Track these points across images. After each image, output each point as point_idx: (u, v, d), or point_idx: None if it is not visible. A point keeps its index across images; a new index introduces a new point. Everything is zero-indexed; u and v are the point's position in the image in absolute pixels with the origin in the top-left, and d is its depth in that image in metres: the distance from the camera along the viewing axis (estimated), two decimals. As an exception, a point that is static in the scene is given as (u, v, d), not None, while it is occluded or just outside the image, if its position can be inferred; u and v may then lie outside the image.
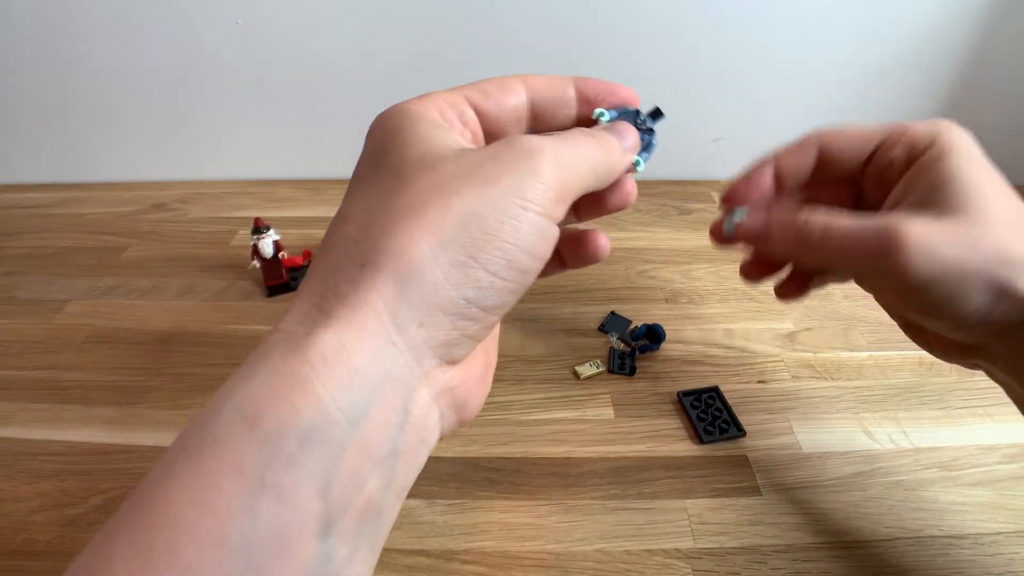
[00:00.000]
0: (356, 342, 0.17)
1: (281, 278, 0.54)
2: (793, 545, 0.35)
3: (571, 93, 0.25)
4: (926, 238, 0.24)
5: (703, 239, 0.62)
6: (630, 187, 0.26)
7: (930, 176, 0.26)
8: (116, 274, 0.58)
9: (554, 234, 0.21)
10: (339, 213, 0.21)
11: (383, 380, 0.17)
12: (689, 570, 0.33)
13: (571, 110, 0.25)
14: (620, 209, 0.26)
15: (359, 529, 0.17)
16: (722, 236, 0.30)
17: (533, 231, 0.19)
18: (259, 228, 0.53)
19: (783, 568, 0.34)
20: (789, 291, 0.32)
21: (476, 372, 0.22)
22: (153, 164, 0.73)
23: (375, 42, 0.64)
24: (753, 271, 0.32)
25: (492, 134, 0.24)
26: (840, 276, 0.32)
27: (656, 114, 0.26)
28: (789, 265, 0.32)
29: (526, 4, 0.62)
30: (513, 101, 0.24)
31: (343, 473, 0.16)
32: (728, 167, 0.73)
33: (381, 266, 0.18)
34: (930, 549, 0.34)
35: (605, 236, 0.26)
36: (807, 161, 0.30)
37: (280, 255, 0.54)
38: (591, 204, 0.26)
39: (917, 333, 0.30)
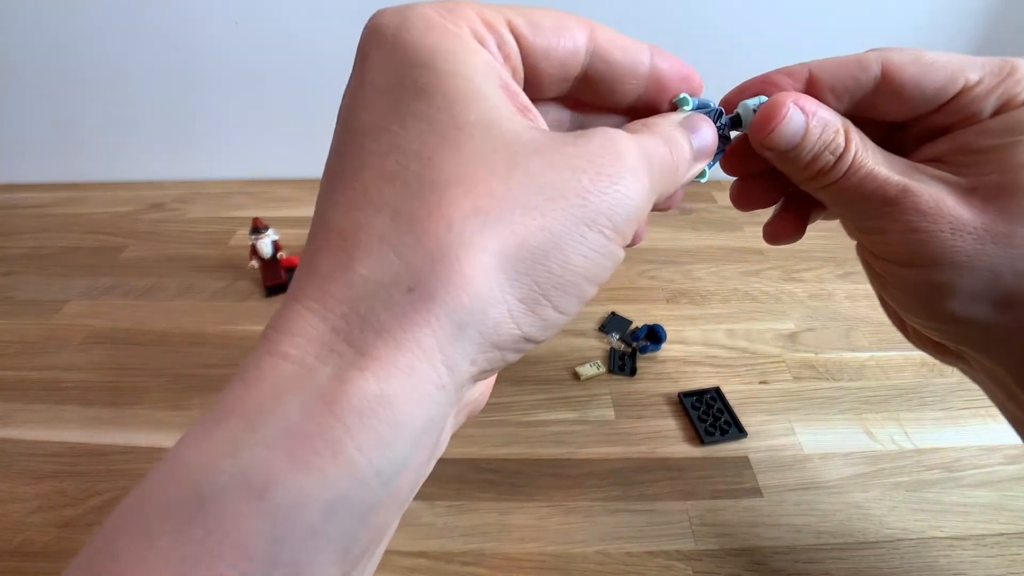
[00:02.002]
0: (402, 391, 0.13)
1: (280, 278, 0.54)
2: (794, 546, 0.34)
3: (644, 69, 0.19)
4: (949, 217, 0.19)
5: (704, 239, 0.62)
6: (678, 194, 0.21)
7: (1010, 139, 0.20)
8: (114, 274, 0.57)
9: (622, 260, 0.17)
10: (345, 175, 0.16)
11: (427, 429, 0.14)
12: (690, 571, 0.33)
13: (636, 86, 0.19)
14: (661, 211, 0.22)
15: (364, 565, 0.15)
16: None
17: (611, 264, 0.16)
18: (258, 228, 0.53)
19: (784, 569, 0.33)
20: (782, 231, 0.26)
21: (491, 379, 0.20)
22: (152, 164, 0.73)
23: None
24: (745, 194, 0.25)
25: (527, 84, 0.18)
26: (836, 215, 0.26)
27: (736, 122, 0.21)
28: (781, 200, 0.26)
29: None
30: (568, 47, 0.18)
31: (369, 532, 0.14)
32: (728, 167, 0.73)
33: (437, 297, 0.14)
34: (932, 550, 0.34)
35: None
36: (861, 87, 0.21)
37: (279, 255, 0.54)
38: None
39: (896, 313, 0.26)
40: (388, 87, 0.16)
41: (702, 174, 0.21)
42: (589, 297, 0.16)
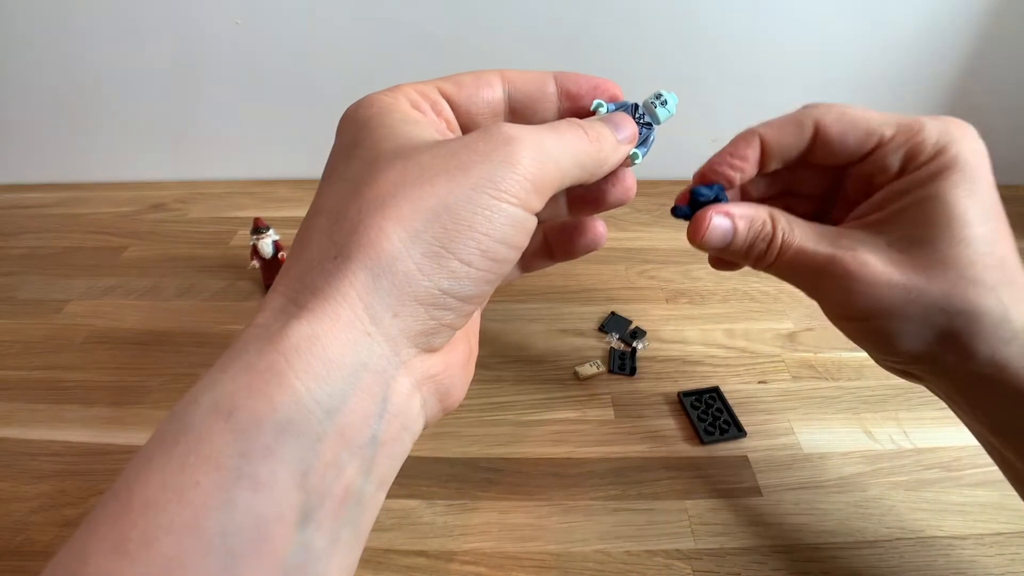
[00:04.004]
0: (330, 333, 0.17)
1: (281, 278, 0.54)
2: (794, 546, 0.35)
3: (552, 88, 0.24)
4: (875, 276, 0.24)
5: (703, 239, 0.62)
6: (630, 182, 0.25)
7: (916, 195, 0.24)
8: (116, 274, 0.58)
9: (531, 225, 0.20)
10: (312, 206, 0.21)
11: (359, 370, 0.17)
12: (689, 571, 0.33)
13: (552, 106, 0.24)
14: (620, 204, 0.25)
15: (338, 518, 0.17)
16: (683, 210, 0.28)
17: (507, 221, 0.19)
18: (259, 228, 0.53)
19: (784, 569, 0.33)
20: (725, 264, 0.31)
21: (458, 359, 0.22)
22: (153, 164, 0.73)
23: (376, 42, 0.64)
24: (723, 264, 0.31)
25: (466, 128, 0.24)
26: None
27: (659, 100, 0.25)
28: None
29: (525, 4, 0.62)
30: (488, 94, 0.23)
31: (321, 463, 0.16)
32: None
33: (353, 257, 0.18)
34: (931, 550, 0.34)
35: (603, 222, 0.26)
36: (799, 142, 0.26)
37: (280, 255, 0.54)
38: (588, 198, 0.25)
39: None
40: (344, 146, 0.21)
41: (635, 156, 0.24)
42: (495, 252, 0.19)
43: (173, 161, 0.73)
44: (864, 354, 0.47)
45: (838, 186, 0.29)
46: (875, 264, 0.24)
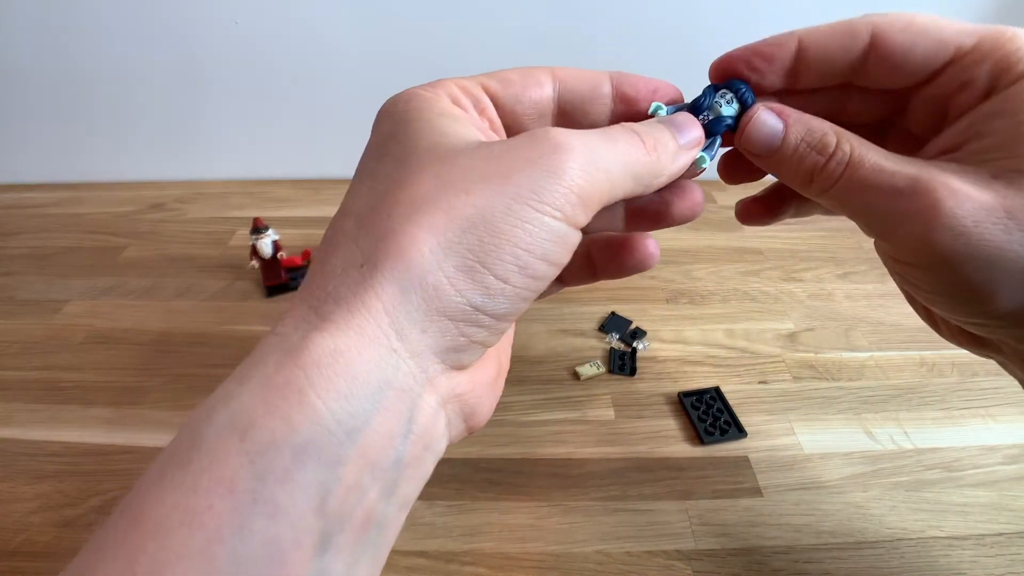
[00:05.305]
0: (354, 348, 0.16)
1: (280, 278, 0.54)
2: (794, 546, 0.35)
3: (606, 90, 0.22)
4: (973, 206, 0.18)
5: (704, 239, 0.62)
6: (698, 196, 0.23)
7: (1011, 118, 0.19)
8: (114, 274, 0.57)
9: (574, 240, 0.19)
10: (342, 206, 0.19)
11: (383, 389, 0.16)
12: (690, 571, 0.33)
13: (605, 108, 0.22)
14: (685, 221, 0.23)
15: (358, 543, 0.16)
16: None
17: (549, 236, 0.17)
18: (258, 228, 0.53)
19: (784, 569, 0.33)
20: (754, 213, 0.27)
21: (486, 378, 0.21)
22: (152, 164, 0.73)
23: (375, 41, 0.64)
24: (732, 166, 0.26)
25: (510, 129, 0.22)
26: (825, 210, 0.25)
27: (723, 97, 0.22)
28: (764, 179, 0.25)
29: (527, 1, 0.62)
30: (536, 94, 0.22)
31: (341, 487, 0.15)
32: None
33: (381, 267, 0.16)
34: (932, 550, 0.34)
35: (655, 241, 0.24)
36: (849, 54, 0.21)
37: (279, 255, 0.54)
38: (649, 212, 0.23)
39: (925, 308, 0.25)
40: (378, 143, 0.20)
41: (702, 161, 0.22)
42: (534, 269, 0.18)
43: (172, 161, 0.73)
44: (865, 354, 0.47)
45: (896, 118, 0.23)
46: (972, 194, 0.18)
